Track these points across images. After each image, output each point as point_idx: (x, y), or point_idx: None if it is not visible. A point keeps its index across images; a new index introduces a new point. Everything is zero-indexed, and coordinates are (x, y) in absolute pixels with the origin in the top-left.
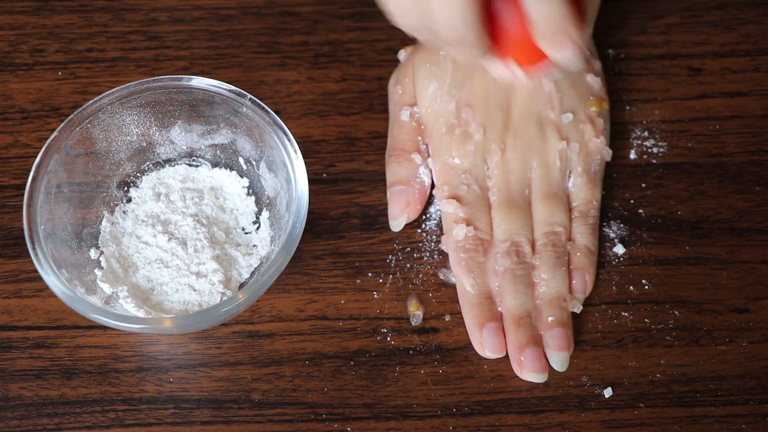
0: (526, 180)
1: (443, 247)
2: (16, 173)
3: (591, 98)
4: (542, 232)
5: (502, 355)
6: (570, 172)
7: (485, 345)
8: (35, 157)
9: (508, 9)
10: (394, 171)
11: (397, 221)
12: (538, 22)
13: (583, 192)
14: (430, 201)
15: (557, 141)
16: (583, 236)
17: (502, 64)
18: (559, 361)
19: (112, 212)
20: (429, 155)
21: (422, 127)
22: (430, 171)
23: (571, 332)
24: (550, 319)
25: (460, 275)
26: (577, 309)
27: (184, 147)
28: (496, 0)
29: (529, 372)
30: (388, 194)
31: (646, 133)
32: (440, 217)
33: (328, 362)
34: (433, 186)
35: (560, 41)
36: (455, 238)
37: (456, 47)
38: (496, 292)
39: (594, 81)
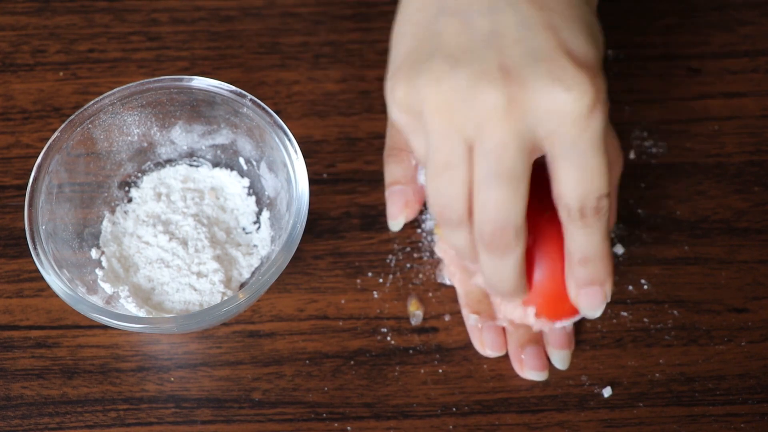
0: None
1: (438, 253)
2: (18, 173)
3: None
4: None
5: (503, 353)
6: None
7: (486, 343)
8: (36, 157)
9: (545, 260)
10: (391, 171)
11: (396, 221)
12: (573, 255)
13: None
14: None
15: None
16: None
17: (521, 308)
18: (560, 359)
19: (113, 212)
20: None
21: None
22: None
23: (572, 330)
24: None
25: (459, 275)
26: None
27: (185, 147)
28: (534, 249)
29: (529, 370)
30: (386, 194)
31: (645, 134)
32: None
33: (328, 362)
34: None
35: (596, 300)
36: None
37: (494, 253)
38: None
39: None
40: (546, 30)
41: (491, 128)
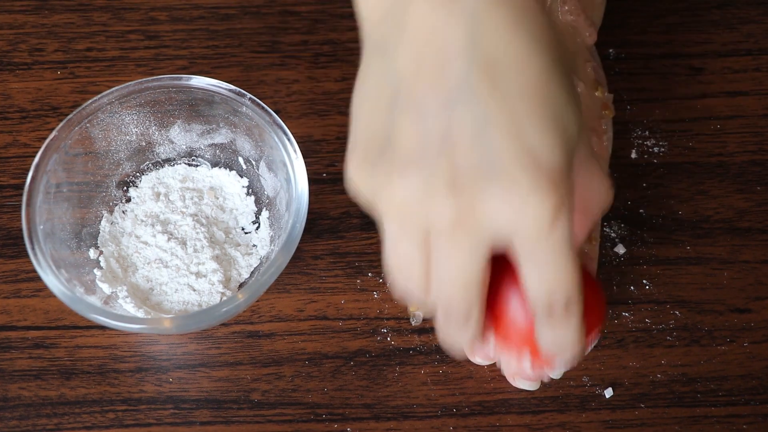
0: None
1: None
2: (15, 173)
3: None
4: None
5: (493, 362)
6: None
7: (476, 351)
8: (34, 156)
9: (518, 301)
10: None
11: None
12: (542, 343)
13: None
14: None
15: None
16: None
17: (486, 352)
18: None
19: (111, 212)
20: None
21: None
22: None
23: None
24: None
25: None
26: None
27: (184, 146)
28: (504, 288)
29: (521, 380)
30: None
31: (646, 133)
32: None
33: (328, 362)
34: None
35: (560, 363)
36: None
37: (452, 319)
38: None
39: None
40: (504, 131)
41: (443, 241)
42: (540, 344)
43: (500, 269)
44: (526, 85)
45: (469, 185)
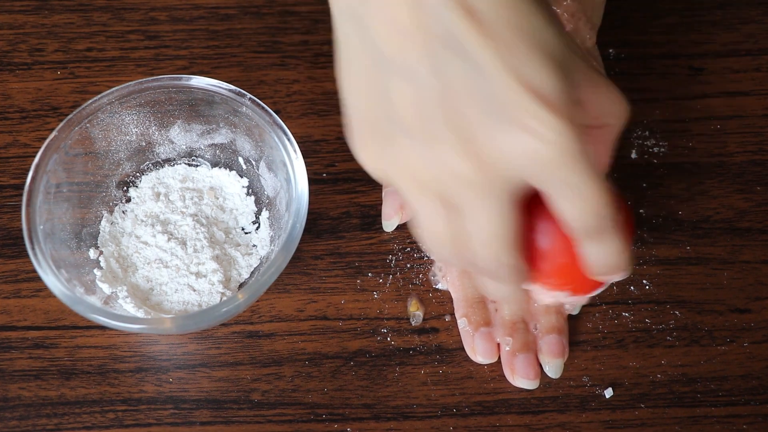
0: None
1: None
2: (15, 173)
3: None
4: None
5: (494, 360)
6: None
7: (477, 350)
8: (34, 156)
9: (550, 234)
10: None
11: (390, 222)
12: (594, 265)
13: None
14: None
15: None
16: None
17: (544, 291)
18: (553, 368)
19: (111, 212)
20: None
21: None
22: None
23: (566, 339)
24: (545, 325)
25: (452, 278)
26: (575, 311)
27: (184, 147)
28: (537, 225)
29: (520, 378)
30: (382, 195)
31: (647, 133)
32: None
33: (328, 362)
34: None
35: (614, 275)
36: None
37: (494, 280)
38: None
39: None
40: (501, 72)
41: (467, 200)
42: (590, 266)
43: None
44: (508, 23)
45: (480, 135)
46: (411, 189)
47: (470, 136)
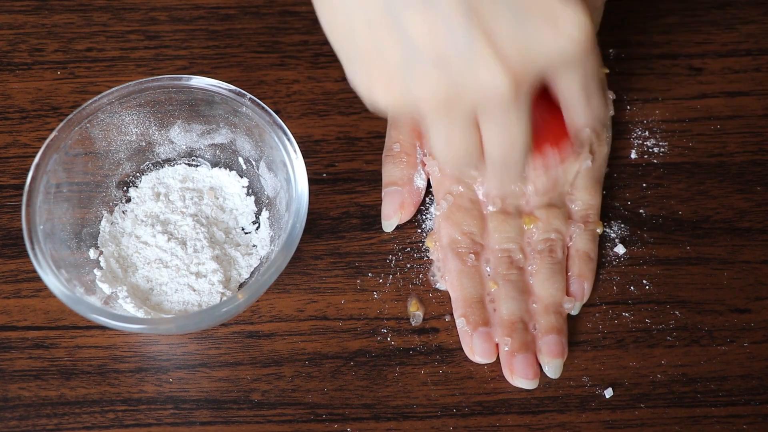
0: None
1: (433, 256)
2: (15, 173)
3: None
4: (540, 239)
5: (493, 360)
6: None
7: (475, 350)
8: (34, 156)
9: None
10: (389, 171)
11: (389, 221)
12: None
13: (584, 197)
14: (429, 201)
15: None
16: (582, 242)
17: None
18: (552, 368)
19: (111, 212)
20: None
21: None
22: (427, 173)
23: (566, 339)
24: (544, 325)
25: (451, 278)
26: (575, 311)
27: (184, 147)
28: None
29: (519, 378)
30: (382, 194)
31: (646, 133)
32: None
33: (328, 362)
34: (429, 187)
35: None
36: (449, 238)
37: (510, 168)
38: (490, 297)
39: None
40: None
41: (492, 106)
42: (575, 121)
43: None
44: None
45: (515, 39)
46: (437, 113)
47: (502, 48)
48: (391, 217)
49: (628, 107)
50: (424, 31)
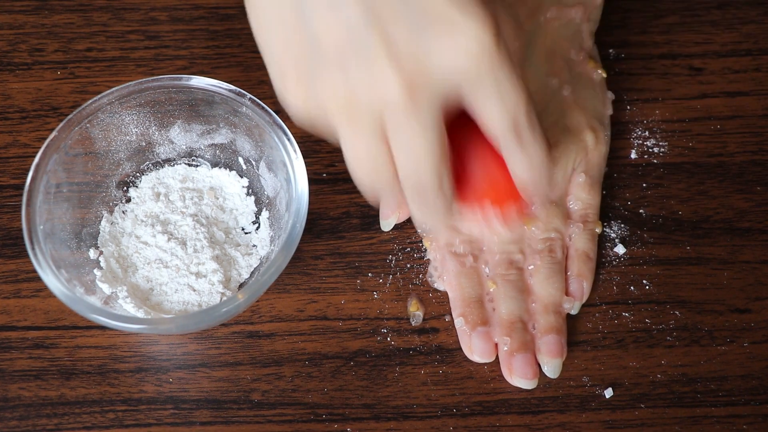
0: None
1: (430, 256)
2: (15, 173)
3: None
4: (539, 239)
5: (491, 359)
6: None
7: (474, 349)
8: (34, 156)
9: (476, 155)
10: None
11: (387, 221)
12: (517, 171)
13: (583, 197)
14: None
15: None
16: (582, 242)
17: (471, 216)
18: (552, 368)
19: (111, 212)
20: None
21: None
22: None
23: (565, 339)
24: (544, 325)
25: (449, 278)
26: (574, 311)
27: (184, 147)
28: (463, 151)
29: (518, 378)
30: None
31: (646, 133)
32: None
33: (328, 362)
34: None
35: (536, 186)
36: (446, 240)
37: (426, 193)
38: (489, 297)
39: (598, 92)
40: None
41: (400, 116)
42: (514, 175)
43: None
44: None
45: (412, 45)
46: (345, 120)
47: (404, 48)
48: (389, 217)
49: (628, 107)
50: (328, 32)
